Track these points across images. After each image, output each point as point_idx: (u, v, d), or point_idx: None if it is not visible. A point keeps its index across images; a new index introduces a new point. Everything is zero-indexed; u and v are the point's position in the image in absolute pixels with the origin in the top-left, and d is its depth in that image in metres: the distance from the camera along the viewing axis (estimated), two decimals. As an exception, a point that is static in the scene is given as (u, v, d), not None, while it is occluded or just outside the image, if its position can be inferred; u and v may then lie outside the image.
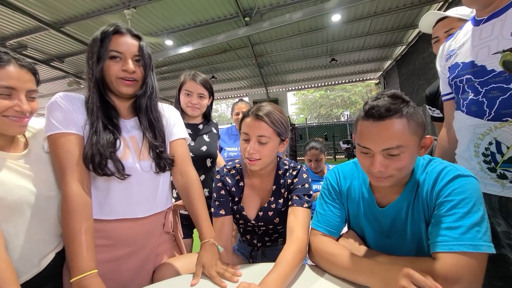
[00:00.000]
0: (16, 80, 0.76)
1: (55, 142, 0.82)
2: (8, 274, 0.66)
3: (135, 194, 0.91)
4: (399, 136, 0.67)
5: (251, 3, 4.81)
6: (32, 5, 4.37)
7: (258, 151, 0.94)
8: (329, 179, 0.95)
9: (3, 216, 0.73)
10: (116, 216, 0.89)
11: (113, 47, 0.87)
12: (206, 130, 1.57)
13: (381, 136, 0.68)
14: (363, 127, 0.72)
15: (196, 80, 1.46)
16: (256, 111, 0.95)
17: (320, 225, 0.90)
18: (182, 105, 1.48)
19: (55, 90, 9.16)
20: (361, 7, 5.19)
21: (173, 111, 1.12)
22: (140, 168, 0.92)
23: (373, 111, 0.69)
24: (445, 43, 1.10)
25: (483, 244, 0.62)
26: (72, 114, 0.85)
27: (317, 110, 26.13)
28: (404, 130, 0.67)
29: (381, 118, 0.68)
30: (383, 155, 0.70)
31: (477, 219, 0.64)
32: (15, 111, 0.77)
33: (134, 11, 4.56)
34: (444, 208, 0.68)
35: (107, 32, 0.87)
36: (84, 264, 0.72)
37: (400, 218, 0.79)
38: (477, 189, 0.69)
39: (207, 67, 8.20)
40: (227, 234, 1.03)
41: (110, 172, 0.84)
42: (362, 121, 0.73)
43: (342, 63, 8.65)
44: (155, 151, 0.95)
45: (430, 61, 5.79)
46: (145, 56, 0.93)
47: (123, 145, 0.91)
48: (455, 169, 0.72)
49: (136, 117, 0.98)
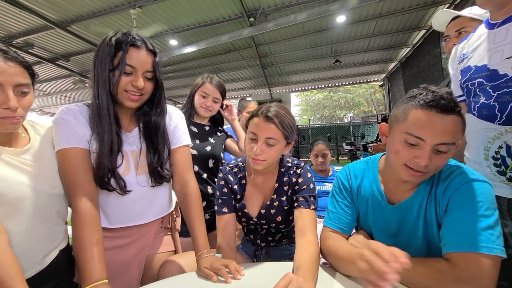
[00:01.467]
0: (1, 74, 0.69)
1: (62, 158, 0.84)
2: (14, 269, 0.66)
3: (133, 207, 0.96)
4: (455, 134, 0.66)
5: (256, 4, 4.82)
6: (39, 4, 4.42)
7: (265, 152, 0.94)
8: (340, 177, 0.96)
9: (4, 213, 0.73)
10: (113, 226, 0.95)
11: (127, 60, 0.84)
12: (213, 132, 1.59)
13: (443, 129, 0.65)
14: (421, 116, 0.67)
15: (214, 84, 1.51)
16: (266, 112, 0.93)
17: (332, 223, 0.91)
18: (196, 104, 1.51)
19: (61, 89, 9.25)
20: (366, 9, 5.17)
21: (178, 114, 1.09)
22: (138, 183, 0.94)
23: (441, 102, 0.65)
24: (458, 46, 1.09)
25: (496, 247, 0.62)
26: (76, 128, 0.86)
27: (320, 111, 26.06)
28: (460, 129, 0.67)
29: (447, 111, 0.65)
30: (432, 149, 0.67)
31: (491, 222, 0.64)
32: (2, 109, 0.70)
33: (140, 10, 4.59)
34: (457, 211, 0.68)
35: (123, 42, 0.83)
36: (96, 274, 0.75)
37: (410, 216, 0.79)
38: (491, 195, 0.68)
39: (211, 67, 8.22)
40: (230, 232, 1.03)
41: (112, 188, 0.88)
42: (419, 110, 0.68)
43: (346, 65, 8.62)
44: (152, 166, 0.95)
45: (435, 63, 5.75)
46: (157, 72, 0.91)
47: (125, 161, 0.92)
48: (469, 173, 0.72)
49: (137, 128, 0.97)
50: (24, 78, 0.75)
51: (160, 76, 0.93)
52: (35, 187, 0.80)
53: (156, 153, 0.97)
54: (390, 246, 0.83)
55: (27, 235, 0.78)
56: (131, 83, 0.85)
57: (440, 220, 0.74)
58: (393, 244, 0.83)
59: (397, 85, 8.69)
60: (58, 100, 10.44)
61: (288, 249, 1.17)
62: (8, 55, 0.72)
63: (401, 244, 0.82)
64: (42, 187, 0.82)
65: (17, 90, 0.74)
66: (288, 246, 1.18)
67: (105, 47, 0.84)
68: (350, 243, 0.84)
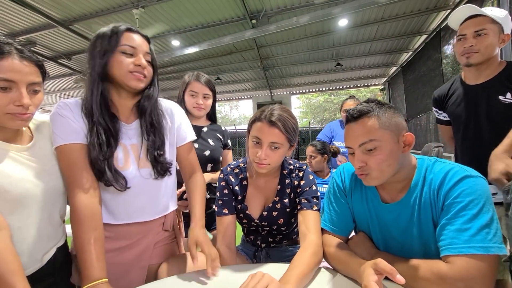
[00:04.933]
0: (17, 72, 0.72)
1: (61, 154, 0.84)
2: (15, 265, 0.66)
3: (136, 202, 0.94)
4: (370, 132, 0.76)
5: (258, 6, 4.83)
6: (43, 2, 4.43)
7: (269, 156, 0.94)
8: (335, 177, 0.97)
9: (7, 209, 0.73)
10: (116, 222, 0.92)
11: (126, 41, 0.86)
12: (211, 134, 1.56)
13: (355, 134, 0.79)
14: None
15: (200, 80, 1.47)
16: (270, 117, 0.92)
17: (327, 224, 0.94)
18: (188, 106, 1.48)
19: (62, 87, 9.24)
20: (368, 13, 5.18)
21: (179, 111, 1.11)
22: (141, 177, 0.93)
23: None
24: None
25: (493, 246, 0.62)
26: (73, 123, 0.85)
27: (320, 114, 26.06)
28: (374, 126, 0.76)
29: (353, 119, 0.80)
30: (361, 151, 0.78)
31: (486, 220, 0.64)
32: (16, 106, 0.73)
33: (143, 11, 4.60)
34: (453, 210, 0.68)
35: (118, 29, 0.87)
36: (95, 273, 0.75)
37: (405, 216, 0.79)
38: (486, 190, 0.68)
39: (212, 68, 8.22)
40: (231, 234, 1.03)
41: (108, 183, 0.86)
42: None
43: (347, 68, 8.63)
44: (155, 157, 0.95)
45: (435, 68, 5.75)
46: (153, 57, 0.94)
47: (124, 154, 0.91)
48: (462, 170, 0.72)
49: (138, 120, 0.97)
50: (37, 77, 0.78)
51: (155, 62, 0.97)
52: (39, 183, 0.80)
53: (157, 144, 0.96)
54: (387, 246, 0.85)
55: (29, 232, 0.78)
56: (134, 63, 0.87)
57: (436, 218, 0.74)
58: (389, 244, 0.84)
59: (398, 89, 8.69)
60: (59, 99, 10.38)
61: (289, 250, 1.17)
62: (24, 54, 0.75)
63: (397, 244, 0.83)
64: (45, 183, 0.82)
65: (29, 88, 0.77)
66: (288, 248, 1.18)
67: (100, 37, 0.87)
68: (350, 254, 0.83)
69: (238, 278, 0.75)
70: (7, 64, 0.71)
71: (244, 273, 0.81)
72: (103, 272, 0.77)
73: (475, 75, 1.33)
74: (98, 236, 0.80)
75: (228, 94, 11.48)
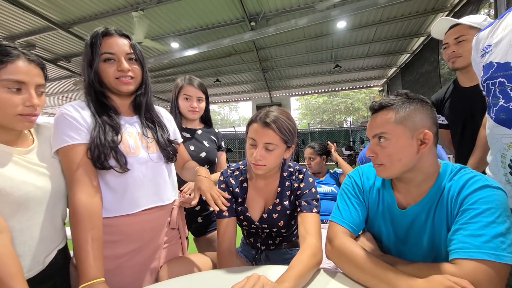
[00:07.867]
0: (26, 74, 0.75)
1: (64, 155, 0.85)
2: (14, 269, 0.66)
3: (150, 185, 0.96)
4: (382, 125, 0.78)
5: (257, 8, 4.85)
6: (42, 5, 4.44)
7: (264, 157, 0.94)
8: (353, 176, 0.96)
9: (8, 211, 0.73)
10: (136, 210, 0.92)
11: (105, 49, 0.89)
12: (206, 136, 1.56)
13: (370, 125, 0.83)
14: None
15: (194, 84, 1.49)
16: (264, 118, 0.94)
17: (344, 221, 0.88)
18: (182, 110, 1.49)
19: (61, 89, 9.23)
20: (366, 15, 5.21)
21: (168, 115, 1.18)
22: (152, 160, 0.97)
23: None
24: (479, 34, 0.98)
25: (507, 255, 0.60)
26: (79, 123, 0.86)
27: (320, 115, 26.12)
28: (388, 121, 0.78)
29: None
30: (375, 142, 0.80)
31: (502, 230, 0.62)
32: (26, 106, 0.76)
33: (142, 13, 4.61)
34: (468, 215, 0.67)
35: (96, 35, 0.89)
36: (91, 273, 0.75)
37: (419, 221, 0.78)
38: (505, 202, 0.67)
39: (211, 70, 8.24)
40: (231, 236, 1.02)
41: (108, 166, 0.86)
42: None
43: (346, 70, 8.66)
44: (162, 142, 1.00)
45: (433, 69, 5.79)
46: (138, 53, 0.95)
47: (134, 141, 0.95)
48: (484, 179, 0.70)
49: (137, 116, 1.02)
50: (42, 79, 0.81)
51: (142, 58, 0.97)
52: (40, 186, 0.80)
53: (161, 131, 1.03)
54: (397, 250, 0.84)
55: (31, 234, 0.78)
56: (117, 69, 0.90)
57: (450, 223, 0.72)
58: (401, 248, 0.83)
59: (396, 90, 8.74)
60: (58, 101, 10.42)
61: (288, 252, 1.17)
62: (30, 57, 0.78)
63: (408, 249, 0.81)
64: (46, 186, 0.82)
65: (36, 90, 0.79)
66: (288, 250, 1.18)
67: (86, 47, 0.90)
68: (372, 256, 0.78)
69: (238, 280, 0.75)
70: (18, 67, 0.74)
71: (243, 275, 0.80)
72: (100, 271, 0.77)
73: (468, 78, 1.38)
74: (96, 236, 0.80)
75: (228, 96, 11.51)
